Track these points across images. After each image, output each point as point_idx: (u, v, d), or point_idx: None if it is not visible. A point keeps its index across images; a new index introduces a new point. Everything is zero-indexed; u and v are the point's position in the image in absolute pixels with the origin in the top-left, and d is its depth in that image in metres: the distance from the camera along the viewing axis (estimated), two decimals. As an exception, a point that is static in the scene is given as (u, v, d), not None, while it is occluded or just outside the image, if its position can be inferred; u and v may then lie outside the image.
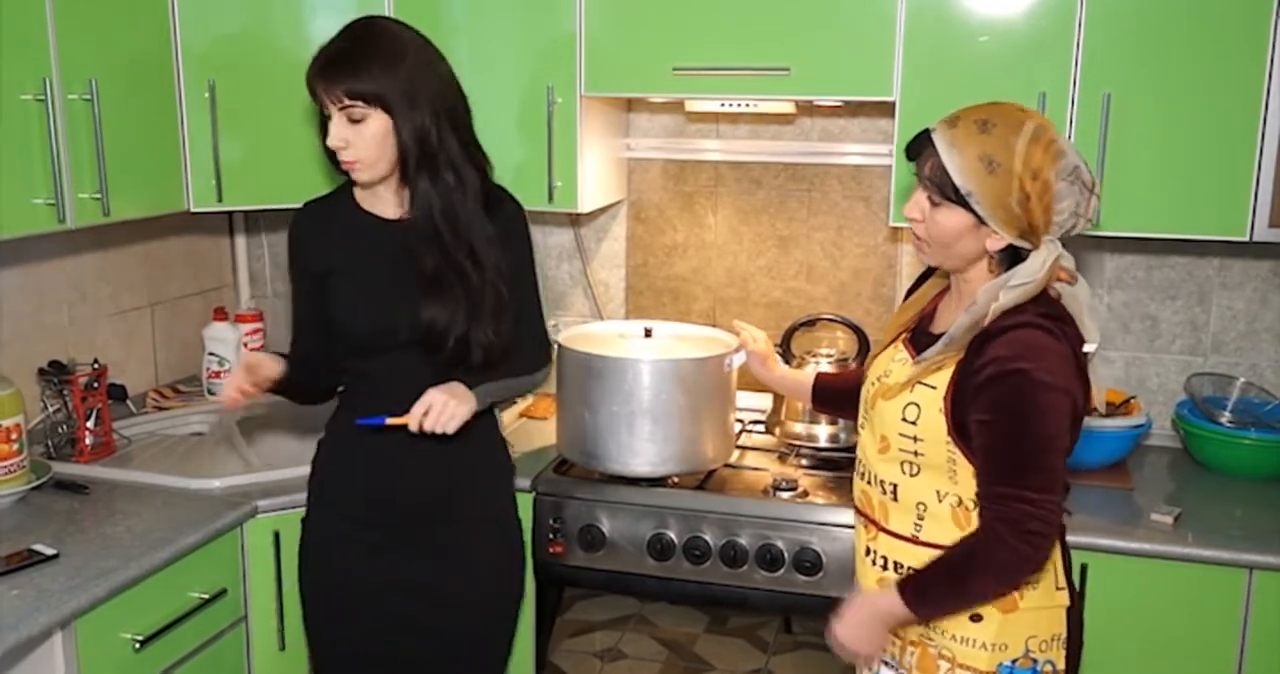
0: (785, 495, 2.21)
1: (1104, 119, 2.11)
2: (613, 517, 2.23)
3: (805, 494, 2.22)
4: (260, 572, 2.14)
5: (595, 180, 2.54)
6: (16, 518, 2.01)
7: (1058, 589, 1.66)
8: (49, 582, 1.75)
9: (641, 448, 2.21)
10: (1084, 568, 2.02)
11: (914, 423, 1.62)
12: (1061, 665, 1.67)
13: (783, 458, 2.44)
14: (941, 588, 1.60)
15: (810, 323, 2.56)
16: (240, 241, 3.04)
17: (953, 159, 1.52)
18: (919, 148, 1.59)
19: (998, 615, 1.62)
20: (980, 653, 1.62)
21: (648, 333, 2.34)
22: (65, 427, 2.31)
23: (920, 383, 1.61)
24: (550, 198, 2.44)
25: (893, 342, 1.74)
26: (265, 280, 3.07)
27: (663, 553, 2.21)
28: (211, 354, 2.72)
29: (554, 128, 2.40)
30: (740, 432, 2.52)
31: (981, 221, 1.54)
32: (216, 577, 2.04)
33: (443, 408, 1.76)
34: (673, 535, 2.20)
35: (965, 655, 1.64)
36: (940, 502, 1.63)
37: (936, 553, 1.62)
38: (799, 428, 2.45)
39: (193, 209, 2.39)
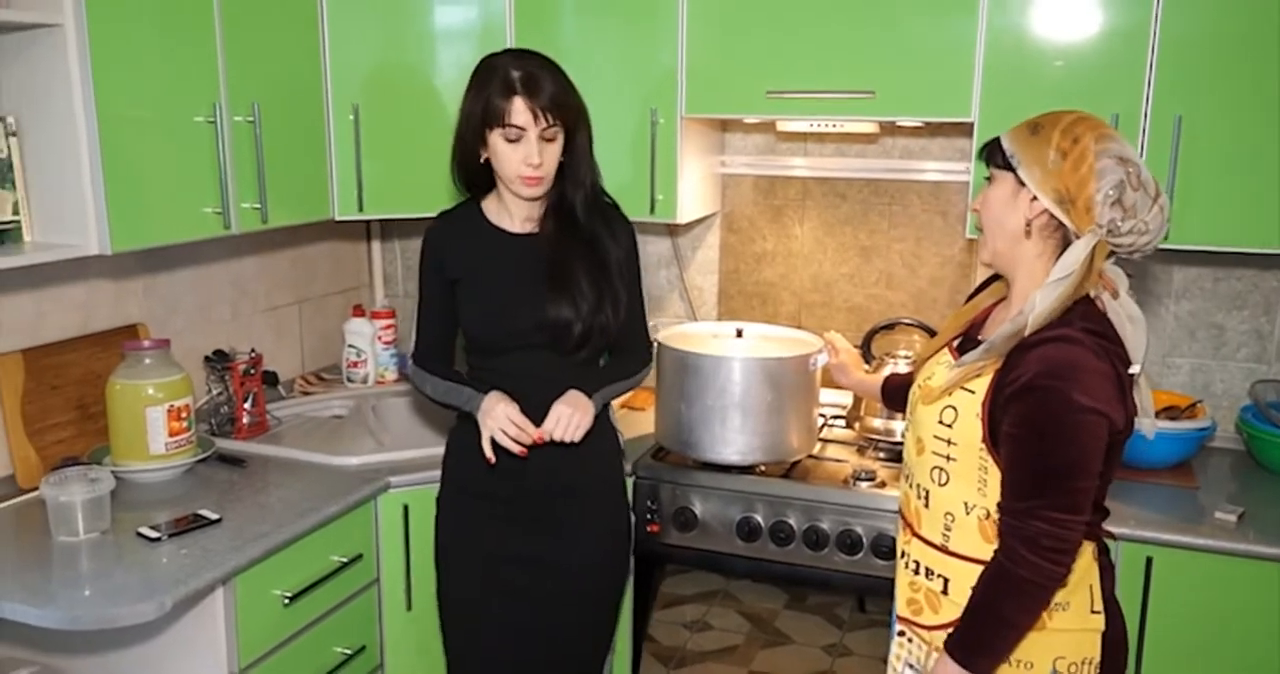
0: (864, 485, 2.18)
1: (1175, 140, 2.04)
2: (705, 500, 2.24)
3: (883, 484, 2.19)
4: (391, 540, 2.19)
5: (693, 194, 2.54)
6: (185, 486, 2.09)
7: (1092, 612, 1.50)
8: (213, 543, 1.82)
9: (732, 438, 2.21)
10: (1149, 561, 1.96)
11: (950, 426, 1.49)
12: None
13: (861, 450, 2.41)
14: (979, 628, 1.45)
15: (889, 326, 2.53)
16: (376, 246, 3.12)
17: (1007, 133, 1.48)
18: (990, 146, 1.52)
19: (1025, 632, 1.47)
20: (1004, 667, 1.47)
21: (739, 333, 2.34)
22: (226, 407, 2.40)
23: (961, 388, 1.48)
24: (652, 209, 2.45)
25: (943, 347, 1.62)
26: (398, 281, 3.14)
27: (750, 535, 2.20)
28: (350, 346, 2.80)
29: (656, 146, 2.41)
30: (822, 426, 2.50)
31: (1021, 185, 1.44)
32: (353, 543, 2.10)
33: (569, 420, 1.81)
34: (760, 519, 2.20)
35: None
36: (968, 514, 1.49)
37: (966, 564, 1.50)
38: (877, 423, 2.42)
39: (337, 217, 2.47)
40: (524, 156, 1.78)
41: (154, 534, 1.82)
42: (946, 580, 1.53)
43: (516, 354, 1.88)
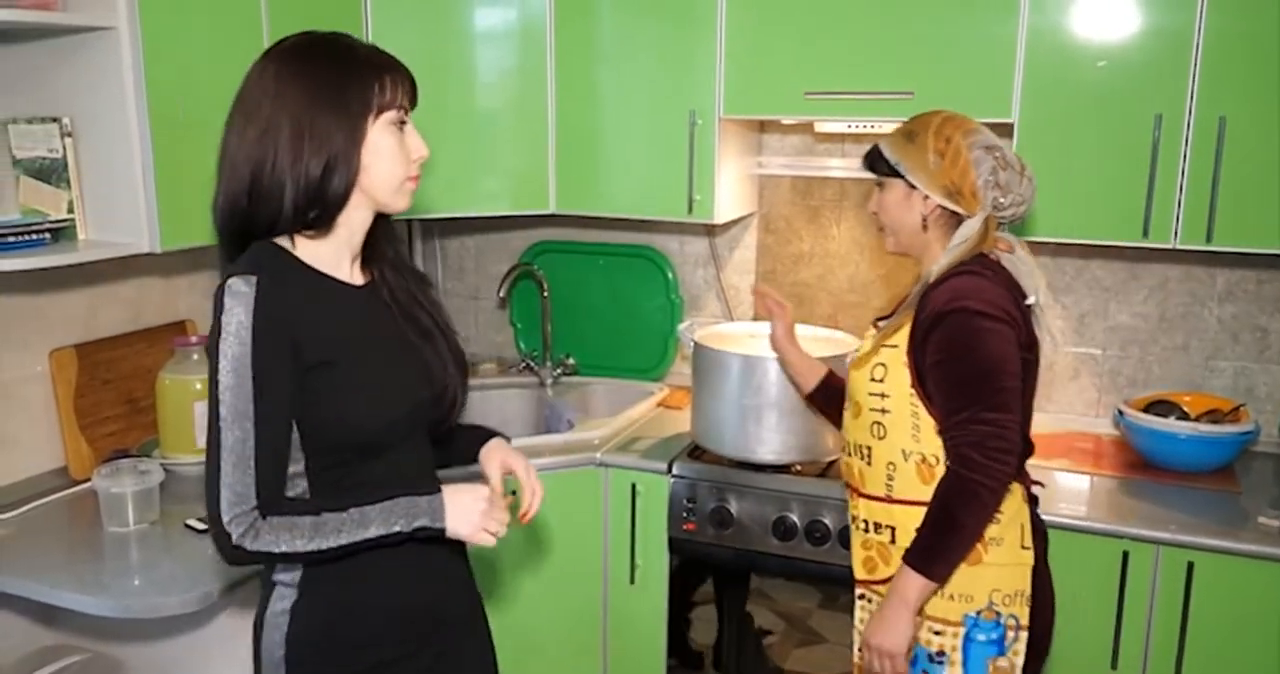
0: (900, 486, 2.16)
1: (1218, 141, 2.00)
2: (740, 499, 2.23)
3: (919, 485, 2.17)
4: (430, 534, 2.19)
5: (730, 194, 2.53)
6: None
7: (1023, 548, 1.64)
8: (258, 535, 1.83)
9: (768, 437, 2.19)
10: (1190, 566, 1.92)
11: (881, 381, 1.65)
12: (1025, 621, 1.64)
13: (898, 451, 2.39)
14: (936, 538, 1.57)
15: (926, 327, 2.50)
16: (417, 246, 3.14)
17: (885, 143, 1.69)
18: (871, 156, 1.72)
19: (963, 566, 1.60)
20: (947, 603, 1.61)
21: (776, 333, 2.33)
22: (270, 403, 2.42)
23: (884, 345, 1.66)
24: (690, 210, 2.44)
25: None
26: (437, 280, 3.16)
27: (786, 534, 2.19)
28: (391, 343, 2.82)
29: (695, 147, 2.41)
30: (858, 426, 2.48)
31: (912, 187, 1.65)
32: (394, 537, 2.10)
33: (538, 487, 1.46)
34: (795, 518, 2.18)
35: (935, 607, 1.62)
36: (906, 460, 1.64)
37: (908, 509, 1.64)
38: (913, 424, 2.39)
39: (380, 217, 2.48)
40: (415, 147, 1.35)
41: (201, 526, 1.84)
42: (893, 529, 1.67)
43: (399, 447, 1.37)
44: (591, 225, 2.89)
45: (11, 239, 1.79)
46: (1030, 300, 1.63)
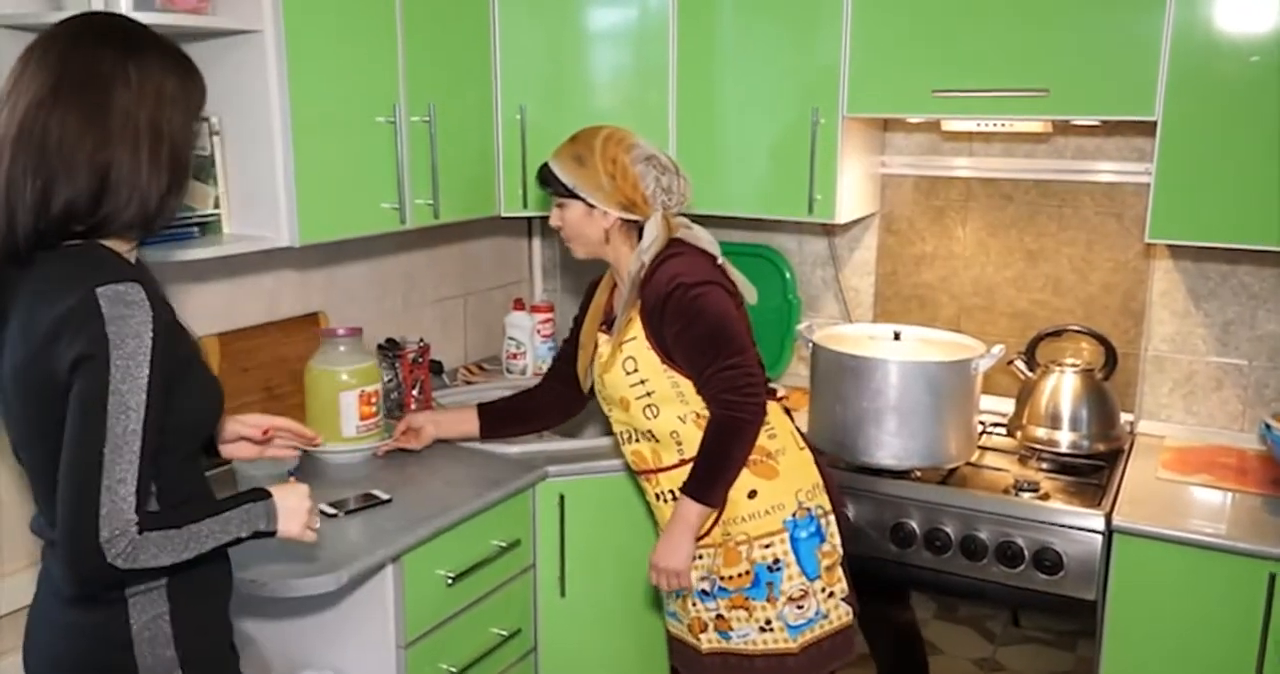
0: (1027, 495, 2.10)
1: (1387, 138, 1.88)
2: (857, 503, 2.19)
3: (1046, 496, 2.10)
4: (547, 527, 2.22)
5: (852, 194, 2.49)
6: (363, 468, 2.17)
7: (799, 449, 1.94)
8: (385, 522, 1.89)
9: (887, 442, 2.16)
10: (1343, 591, 1.82)
11: (636, 370, 1.89)
12: (828, 506, 1.93)
13: (1023, 460, 2.32)
14: (712, 471, 1.82)
15: (1057, 333, 2.42)
16: (536, 243, 3.19)
17: (557, 167, 1.91)
18: (544, 176, 1.93)
19: (766, 484, 1.87)
20: (767, 519, 1.87)
21: (896, 336, 2.29)
22: (396, 393, 2.49)
23: (623, 342, 1.89)
24: (810, 209, 2.42)
25: (594, 337, 2.00)
26: (555, 276, 3.21)
27: (904, 541, 2.15)
28: (510, 338, 2.87)
29: (816, 145, 2.37)
30: (982, 432, 2.42)
31: (591, 206, 1.88)
32: (512, 529, 2.14)
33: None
34: (914, 525, 2.14)
35: (757, 527, 1.87)
36: (685, 422, 1.89)
37: None
38: (1040, 432, 2.32)
39: (503, 214, 2.53)
40: None
41: (333, 511, 1.91)
42: None
43: (203, 450, 1.50)
44: (709, 224, 2.84)
45: (165, 232, 1.88)
46: (720, 260, 1.91)
